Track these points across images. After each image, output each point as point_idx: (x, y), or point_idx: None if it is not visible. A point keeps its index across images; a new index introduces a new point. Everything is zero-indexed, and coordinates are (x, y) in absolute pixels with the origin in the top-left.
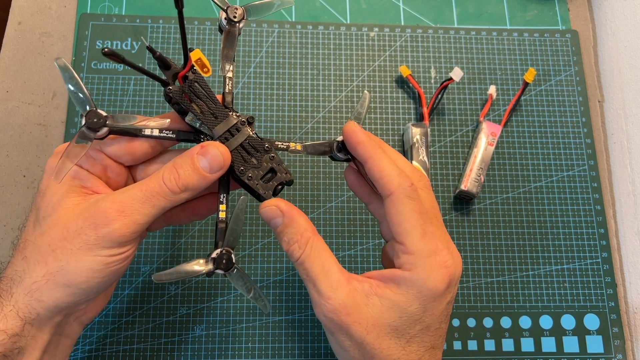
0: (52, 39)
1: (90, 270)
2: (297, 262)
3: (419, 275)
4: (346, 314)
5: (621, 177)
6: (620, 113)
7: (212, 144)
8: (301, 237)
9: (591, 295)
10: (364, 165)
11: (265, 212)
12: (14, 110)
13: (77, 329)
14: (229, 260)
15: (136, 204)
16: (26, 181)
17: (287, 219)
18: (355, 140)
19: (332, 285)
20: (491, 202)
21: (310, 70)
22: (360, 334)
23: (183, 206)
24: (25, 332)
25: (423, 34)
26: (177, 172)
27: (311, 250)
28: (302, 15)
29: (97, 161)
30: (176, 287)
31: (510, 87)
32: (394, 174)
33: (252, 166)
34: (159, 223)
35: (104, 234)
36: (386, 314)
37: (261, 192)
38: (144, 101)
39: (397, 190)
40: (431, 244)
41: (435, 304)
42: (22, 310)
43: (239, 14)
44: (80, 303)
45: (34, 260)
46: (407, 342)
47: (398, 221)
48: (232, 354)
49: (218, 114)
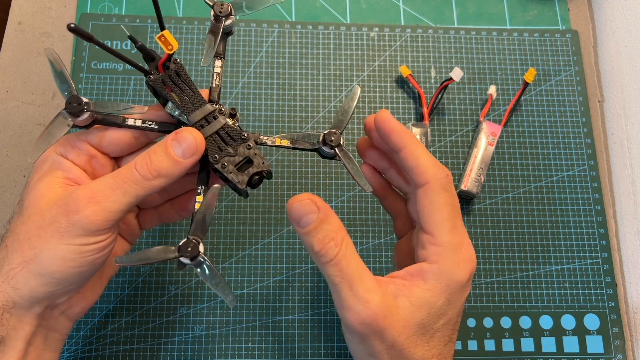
0: (52, 39)
1: (64, 259)
2: (331, 262)
3: (447, 267)
4: (384, 318)
5: (621, 177)
6: (620, 113)
7: (185, 129)
8: (337, 235)
9: (591, 295)
10: (398, 153)
11: (299, 206)
12: (13, 110)
13: (65, 323)
14: (194, 248)
15: (107, 190)
16: (26, 181)
17: (322, 214)
18: (389, 127)
19: (369, 288)
20: (491, 202)
21: (310, 70)
22: (392, 337)
23: (172, 202)
24: (4, 321)
25: (423, 34)
26: (150, 158)
27: (347, 250)
28: (302, 15)
29: (82, 151)
30: (176, 287)
31: (510, 87)
32: (430, 164)
33: (227, 154)
34: (151, 221)
35: (74, 221)
36: (415, 313)
37: (235, 181)
38: (143, 101)
39: (433, 180)
40: (459, 237)
41: (458, 296)
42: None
43: (225, 9)
44: (59, 294)
45: (12, 248)
46: (431, 337)
47: (430, 211)
48: (232, 354)
49: (196, 102)
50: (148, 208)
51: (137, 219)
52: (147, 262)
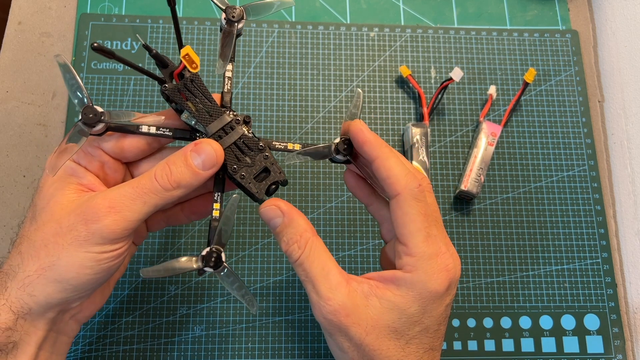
0: (52, 39)
1: (81, 266)
2: (296, 262)
3: (420, 277)
4: (345, 315)
5: (621, 177)
6: (620, 113)
7: (205, 141)
8: (300, 238)
9: (591, 296)
10: (371, 164)
11: (265, 211)
12: (13, 110)
13: (74, 327)
14: (218, 259)
15: (127, 200)
16: (26, 181)
17: (287, 219)
18: (362, 139)
19: (332, 287)
20: (491, 202)
21: (310, 70)
22: (359, 335)
23: (182, 205)
24: (18, 327)
25: (423, 34)
26: (170, 168)
27: (310, 251)
28: (302, 15)
29: (95, 157)
30: (176, 287)
31: (510, 87)
32: (402, 175)
33: (245, 165)
34: (159, 223)
35: (94, 230)
36: (385, 315)
37: (254, 191)
38: (144, 101)
39: (404, 191)
40: (434, 247)
41: (434, 306)
42: (15, 304)
43: (237, 13)
44: (73, 300)
45: (27, 255)
46: (406, 343)
47: (403, 222)
48: (232, 354)
49: (213, 112)
50: (157, 212)
51: (145, 222)
52: (173, 273)
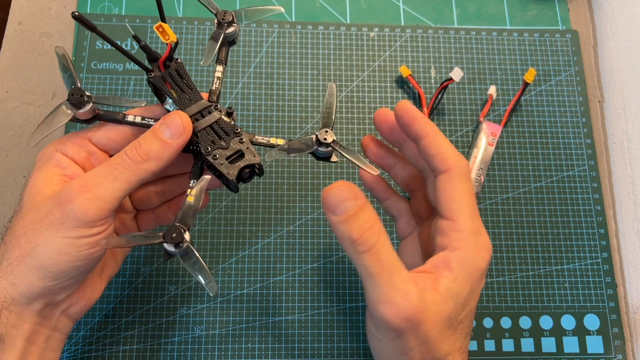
0: (52, 39)
1: (59, 252)
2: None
3: (469, 252)
4: (422, 312)
5: (621, 177)
6: (620, 113)
7: (173, 112)
8: (375, 224)
9: (591, 296)
10: (420, 141)
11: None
12: (13, 111)
13: (66, 323)
14: (179, 234)
15: (98, 178)
16: (26, 180)
17: (361, 202)
18: (412, 116)
19: (408, 280)
20: (491, 202)
21: (310, 70)
22: (426, 331)
23: (169, 203)
24: (3, 319)
25: (423, 34)
26: (139, 142)
27: (386, 240)
28: (302, 15)
29: (81, 148)
30: (176, 287)
31: (510, 87)
32: (453, 151)
33: (218, 146)
34: (148, 222)
35: (67, 211)
36: (445, 305)
37: (225, 172)
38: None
39: (456, 167)
40: (478, 224)
41: (479, 286)
42: None
43: (227, 17)
44: (56, 290)
45: (10, 244)
46: (454, 329)
47: (452, 198)
48: (232, 354)
49: (193, 98)
50: (146, 210)
51: (135, 221)
52: (131, 245)
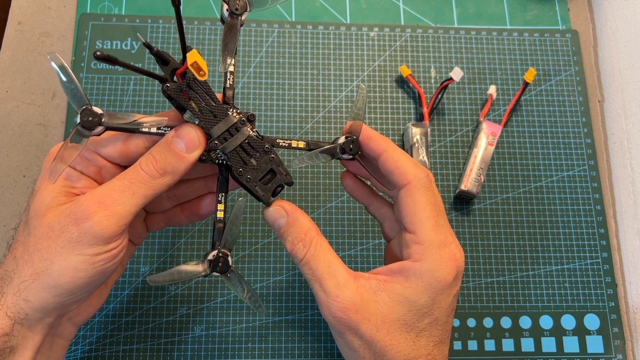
0: (52, 39)
1: (75, 269)
2: (302, 261)
3: (429, 265)
4: (355, 312)
5: (621, 177)
6: (620, 113)
7: (185, 125)
8: (305, 236)
9: (591, 296)
10: (378, 158)
11: (270, 213)
12: (13, 110)
13: (71, 329)
14: (225, 263)
15: (115, 193)
16: (26, 181)
17: (290, 218)
18: (366, 136)
19: (339, 284)
20: (491, 202)
21: (310, 70)
22: (370, 331)
23: (182, 206)
24: (15, 332)
25: (423, 34)
26: (154, 156)
27: (316, 249)
28: (302, 15)
29: (91, 162)
30: (176, 287)
31: (510, 87)
32: (410, 165)
33: (251, 167)
34: (158, 223)
35: (85, 229)
36: (395, 309)
37: (260, 194)
38: (144, 101)
39: (414, 180)
40: (442, 236)
41: (443, 296)
42: (11, 309)
43: (241, 5)
44: (69, 304)
45: (22, 260)
46: (416, 336)
47: (413, 211)
48: (232, 354)
49: (217, 112)
50: (156, 212)
51: (145, 222)
52: (180, 279)
